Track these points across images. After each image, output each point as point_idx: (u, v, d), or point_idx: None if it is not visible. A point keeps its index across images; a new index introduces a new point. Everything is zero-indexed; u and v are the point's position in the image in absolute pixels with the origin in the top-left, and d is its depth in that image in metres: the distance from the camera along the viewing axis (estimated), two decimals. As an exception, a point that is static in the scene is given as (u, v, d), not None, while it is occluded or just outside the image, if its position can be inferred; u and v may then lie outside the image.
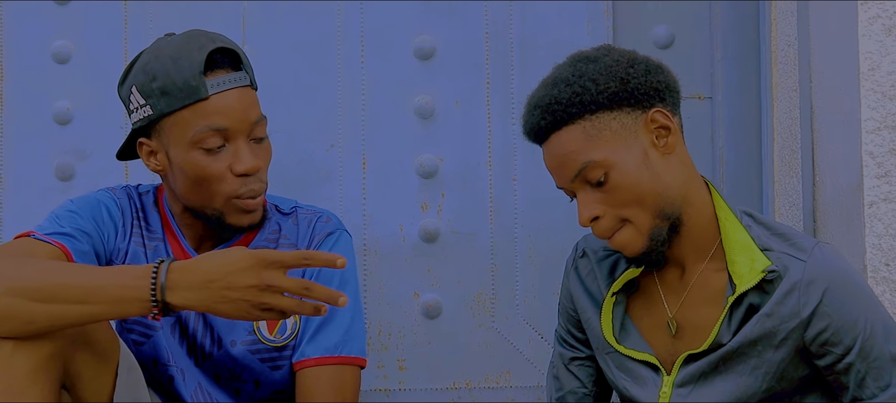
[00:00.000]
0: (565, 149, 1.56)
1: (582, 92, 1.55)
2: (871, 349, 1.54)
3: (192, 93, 1.65)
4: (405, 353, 2.14)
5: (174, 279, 1.47)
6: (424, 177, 2.14)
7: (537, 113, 1.58)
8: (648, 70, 1.58)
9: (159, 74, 1.66)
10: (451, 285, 2.14)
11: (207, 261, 1.48)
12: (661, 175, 1.56)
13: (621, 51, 1.60)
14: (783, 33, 2.04)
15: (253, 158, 1.68)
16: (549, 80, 1.59)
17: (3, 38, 2.15)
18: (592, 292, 1.72)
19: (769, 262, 1.56)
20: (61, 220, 1.71)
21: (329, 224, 1.83)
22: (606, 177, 1.55)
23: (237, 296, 1.45)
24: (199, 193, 1.70)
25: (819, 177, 2.06)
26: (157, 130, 1.70)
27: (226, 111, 1.66)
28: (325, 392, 1.74)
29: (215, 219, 1.72)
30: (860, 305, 1.55)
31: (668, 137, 1.57)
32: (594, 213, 1.57)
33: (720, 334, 1.58)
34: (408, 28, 2.14)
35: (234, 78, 1.68)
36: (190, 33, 1.71)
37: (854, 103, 2.01)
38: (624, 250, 1.59)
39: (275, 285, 1.45)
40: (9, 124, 2.15)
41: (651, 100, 1.57)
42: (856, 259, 1.99)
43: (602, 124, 1.55)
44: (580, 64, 1.58)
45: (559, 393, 1.78)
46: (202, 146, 1.66)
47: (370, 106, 2.14)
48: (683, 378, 1.62)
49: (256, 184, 1.70)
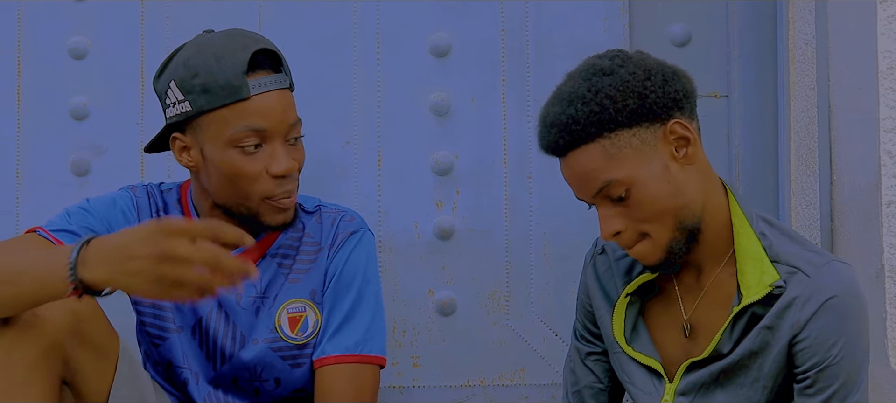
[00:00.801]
0: (585, 167, 1.54)
1: (600, 111, 1.51)
2: (835, 375, 1.54)
3: (234, 92, 1.65)
4: (419, 350, 2.14)
5: (86, 255, 1.38)
6: (439, 174, 2.14)
7: (554, 131, 1.55)
8: (665, 80, 1.54)
9: (201, 71, 1.66)
10: (465, 282, 2.13)
11: (117, 235, 1.39)
12: (682, 187, 1.55)
13: (636, 60, 1.56)
14: (801, 31, 2.03)
15: (289, 160, 1.69)
16: (565, 96, 1.55)
17: (20, 34, 2.16)
18: (607, 289, 1.72)
19: (778, 276, 1.55)
20: (71, 217, 1.72)
21: (353, 223, 1.83)
22: (628, 193, 1.53)
23: (137, 268, 1.34)
24: (234, 192, 1.70)
25: (836, 177, 2.05)
26: (194, 127, 1.69)
27: (266, 112, 1.66)
28: (345, 390, 1.74)
29: (249, 218, 1.71)
30: (844, 330, 1.54)
31: (688, 147, 1.55)
32: (615, 229, 1.56)
33: (721, 343, 1.58)
34: (423, 25, 2.14)
35: (275, 80, 1.68)
36: (231, 32, 1.72)
37: (872, 102, 2.00)
38: (642, 260, 1.58)
39: (175, 254, 1.32)
40: (25, 119, 2.15)
41: (669, 112, 1.54)
42: (873, 258, 1.98)
43: (622, 142, 1.52)
44: (595, 78, 1.54)
45: (575, 388, 1.79)
46: (240, 145, 1.66)
47: (386, 103, 2.14)
48: (685, 387, 1.62)
49: (291, 184, 1.71)
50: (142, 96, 2.14)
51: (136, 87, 2.15)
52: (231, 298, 1.78)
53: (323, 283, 1.80)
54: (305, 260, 1.81)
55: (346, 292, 1.79)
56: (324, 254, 1.81)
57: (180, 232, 1.34)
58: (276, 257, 1.80)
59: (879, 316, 1.97)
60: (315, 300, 1.79)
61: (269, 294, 1.79)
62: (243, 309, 1.78)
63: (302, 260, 1.81)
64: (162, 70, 1.73)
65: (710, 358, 1.60)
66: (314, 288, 1.80)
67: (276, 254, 1.80)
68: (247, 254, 1.79)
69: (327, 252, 1.81)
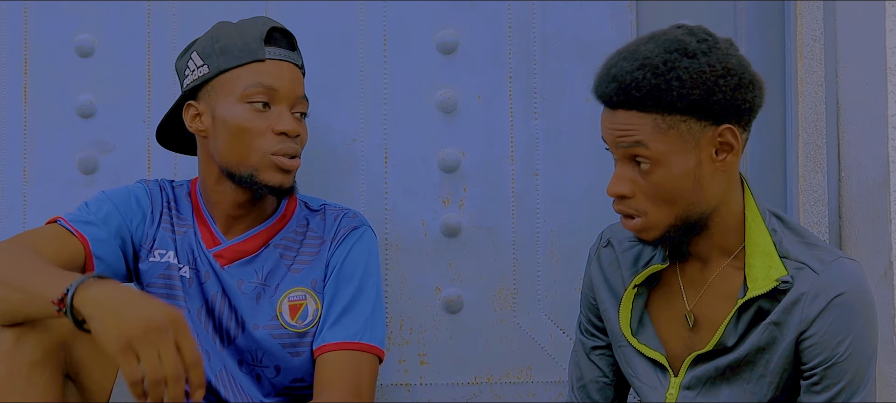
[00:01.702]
0: (627, 126, 1.53)
1: (665, 89, 1.49)
2: (842, 372, 1.54)
3: (251, 53, 1.77)
4: (426, 347, 2.13)
5: (92, 288, 1.45)
6: (446, 171, 2.14)
7: (613, 86, 1.52)
8: (739, 85, 1.51)
9: (223, 37, 1.80)
10: (472, 280, 2.13)
11: (133, 292, 1.45)
12: (705, 187, 1.54)
13: (721, 53, 1.52)
14: (809, 28, 2.03)
15: (294, 122, 1.78)
16: (639, 57, 1.52)
17: (26, 32, 2.16)
18: (612, 283, 1.71)
19: (785, 271, 1.55)
20: (90, 207, 1.80)
21: (355, 219, 1.88)
22: (651, 167, 1.53)
23: (120, 329, 1.39)
24: (238, 149, 1.76)
25: (844, 173, 2.05)
26: (207, 90, 1.80)
27: (278, 74, 1.78)
28: (343, 377, 1.76)
29: (248, 179, 1.77)
30: (854, 326, 1.54)
31: (729, 155, 1.54)
32: (622, 192, 1.55)
33: (725, 335, 1.58)
34: (430, 22, 2.14)
35: (288, 54, 1.81)
36: (255, 17, 1.86)
37: (881, 98, 2.00)
38: (636, 234, 1.59)
39: (159, 348, 1.39)
40: (32, 117, 2.16)
41: (727, 116, 1.52)
42: (881, 255, 1.98)
43: (672, 124, 1.51)
44: (674, 55, 1.50)
45: (580, 382, 1.79)
46: (250, 100, 1.76)
47: (392, 100, 2.14)
48: (690, 381, 1.62)
49: (294, 146, 1.79)
50: (148, 94, 2.15)
51: (143, 85, 2.15)
52: (233, 284, 1.81)
53: (324, 274, 1.83)
54: (308, 253, 1.85)
55: (347, 283, 1.82)
56: (326, 247, 1.85)
57: (179, 335, 1.40)
58: (279, 247, 1.84)
59: (887, 313, 1.97)
60: (316, 289, 1.82)
61: (271, 282, 1.83)
62: (244, 293, 1.81)
63: (304, 253, 1.85)
64: (186, 50, 1.86)
65: (716, 352, 1.59)
66: (315, 278, 1.83)
67: (279, 244, 1.85)
68: (250, 241, 1.81)
69: (329, 244, 1.85)
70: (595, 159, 2.11)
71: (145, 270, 1.82)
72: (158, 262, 1.82)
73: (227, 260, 1.82)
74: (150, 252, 1.82)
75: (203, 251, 1.82)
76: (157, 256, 1.82)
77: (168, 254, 1.82)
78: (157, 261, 1.82)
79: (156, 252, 1.82)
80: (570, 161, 2.13)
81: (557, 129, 2.13)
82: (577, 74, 2.13)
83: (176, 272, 1.82)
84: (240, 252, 1.83)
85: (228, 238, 1.84)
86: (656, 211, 1.55)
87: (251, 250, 1.83)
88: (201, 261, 1.82)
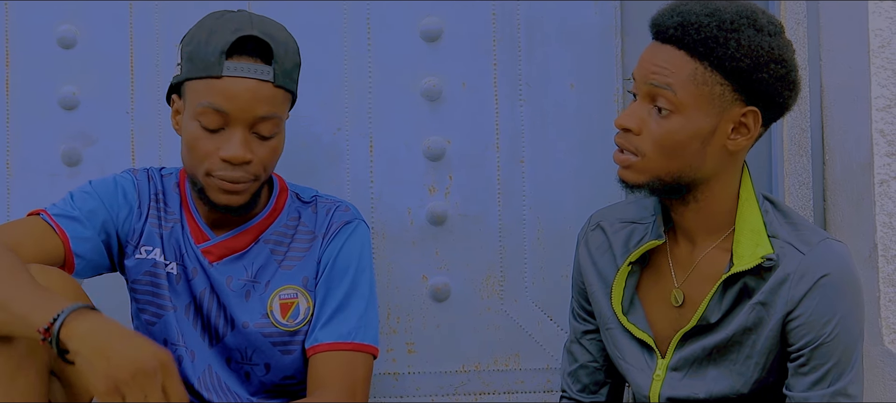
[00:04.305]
0: (666, 65, 1.53)
1: (722, 43, 1.51)
2: (829, 353, 1.55)
3: (209, 68, 1.69)
4: (414, 336, 2.13)
5: (80, 321, 1.41)
6: (432, 159, 2.13)
7: (676, 19, 1.54)
8: (785, 78, 1.54)
9: (194, 42, 1.73)
10: (459, 268, 2.13)
11: (121, 330, 1.42)
12: (707, 156, 1.55)
13: (783, 45, 1.55)
14: (792, 11, 2.03)
15: (242, 149, 1.69)
16: (712, 7, 1.53)
17: (8, 23, 2.15)
18: (600, 266, 1.72)
19: (771, 250, 1.56)
20: (75, 200, 1.77)
21: (347, 213, 1.85)
22: (670, 115, 1.54)
23: (106, 370, 1.37)
24: (189, 161, 1.74)
25: (828, 156, 2.05)
26: (183, 91, 1.76)
27: (231, 96, 1.69)
28: (337, 377, 1.74)
29: (200, 192, 1.75)
30: (840, 306, 1.55)
31: (741, 138, 1.56)
32: (631, 125, 1.56)
33: (709, 309, 1.58)
34: (414, 10, 2.13)
35: (255, 69, 1.70)
36: (239, 14, 1.76)
37: (864, 81, 2.00)
38: (621, 172, 1.59)
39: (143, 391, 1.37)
40: (15, 109, 2.14)
41: (757, 100, 1.54)
42: (866, 238, 1.99)
43: (708, 81, 1.52)
44: (744, 20, 1.52)
45: (572, 367, 1.79)
46: (201, 120, 1.70)
47: (377, 88, 2.14)
48: (677, 362, 1.62)
49: (239, 173, 1.71)
50: (132, 85, 2.13)
51: (126, 76, 2.14)
52: (221, 281, 1.79)
53: (316, 271, 1.81)
54: (299, 248, 1.82)
55: (339, 281, 1.80)
56: (317, 242, 1.82)
57: (166, 378, 1.37)
58: (269, 243, 1.82)
59: (873, 295, 1.97)
60: (307, 287, 1.80)
61: (261, 279, 1.80)
62: (233, 291, 1.79)
63: (296, 248, 1.82)
64: (183, 37, 1.81)
65: (701, 329, 1.60)
66: (307, 276, 1.81)
67: (269, 240, 1.82)
68: (239, 237, 1.80)
69: (321, 240, 1.82)
70: (581, 145, 2.11)
71: (131, 267, 1.80)
72: (144, 259, 1.80)
73: (215, 257, 1.80)
74: (137, 248, 1.80)
75: (191, 246, 1.80)
76: (144, 253, 1.80)
77: (154, 251, 1.80)
78: (143, 258, 1.80)
79: (142, 248, 1.80)
80: (556, 147, 2.13)
81: (543, 116, 2.13)
82: (562, 61, 2.13)
83: (162, 270, 1.79)
84: (229, 248, 1.81)
85: (217, 233, 1.81)
86: (655, 157, 1.55)
87: (241, 247, 1.81)
88: (188, 257, 1.80)
